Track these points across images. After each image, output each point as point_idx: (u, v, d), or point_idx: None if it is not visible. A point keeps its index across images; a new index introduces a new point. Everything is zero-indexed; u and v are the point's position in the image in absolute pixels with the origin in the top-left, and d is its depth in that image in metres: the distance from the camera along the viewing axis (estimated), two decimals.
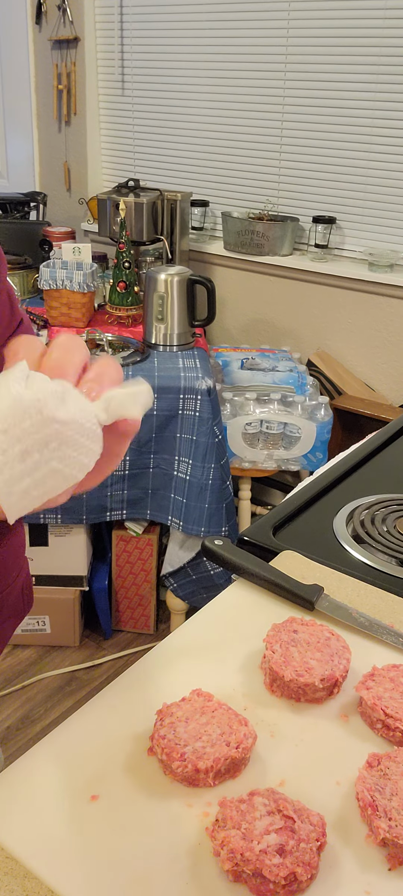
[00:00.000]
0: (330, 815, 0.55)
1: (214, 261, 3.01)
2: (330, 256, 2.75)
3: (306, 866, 0.49)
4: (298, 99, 2.74)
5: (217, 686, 0.66)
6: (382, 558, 0.89)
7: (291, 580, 0.80)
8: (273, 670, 0.67)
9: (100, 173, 3.45)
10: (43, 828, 0.54)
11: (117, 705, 0.66)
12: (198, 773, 0.57)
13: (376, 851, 0.53)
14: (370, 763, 0.58)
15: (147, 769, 0.59)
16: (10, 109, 3.59)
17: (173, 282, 2.26)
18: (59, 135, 3.42)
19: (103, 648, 2.43)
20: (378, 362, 2.69)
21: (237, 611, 0.80)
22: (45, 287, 2.39)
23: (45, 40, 3.33)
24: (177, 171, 3.15)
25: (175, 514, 2.17)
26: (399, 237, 2.62)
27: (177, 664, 0.71)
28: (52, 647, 2.40)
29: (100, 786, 0.58)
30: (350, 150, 2.65)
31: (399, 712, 0.62)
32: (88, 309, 2.46)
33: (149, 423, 2.11)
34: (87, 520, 2.19)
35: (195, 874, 0.51)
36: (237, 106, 2.90)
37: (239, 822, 0.52)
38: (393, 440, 1.26)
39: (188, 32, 2.95)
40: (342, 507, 1.00)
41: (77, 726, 0.63)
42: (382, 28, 2.48)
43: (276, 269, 2.84)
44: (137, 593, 2.44)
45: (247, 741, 0.59)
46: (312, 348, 2.83)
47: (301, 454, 2.38)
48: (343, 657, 0.68)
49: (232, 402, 2.35)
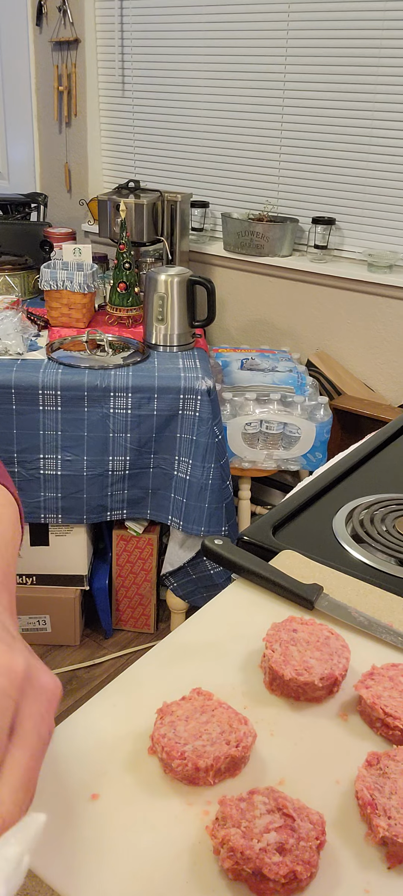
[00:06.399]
0: (330, 813, 0.55)
1: (214, 261, 3.01)
2: (330, 257, 2.76)
3: (306, 865, 0.49)
4: (298, 100, 2.74)
5: (217, 685, 0.66)
6: (381, 558, 0.89)
7: (291, 579, 0.80)
8: (272, 669, 0.67)
9: (101, 174, 3.45)
10: (43, 826, 0.54)
11: (117, 704, 0.66)
12: (198, 772, 0.57)
13: (375, 850, 0.53)
14: (369, 762, 0.58)
15: (147, 768, 0.59)
16: (11, 111, 3.59)
17: (173, 282, 2.27)
18: (60, 136, 3.43)
19: (103, 647, 2.43)
20: (377, 363, 2.70)
21: (237, 610, 0.80)
22: (45, 288, 2.39)
23: (45, 42, 3.33)
24: (177, 172, 3.15)
25: (175, 514, 2.17)
26: (398, 238, 2.62)
27: (177, 663, 0.71)
28: (52, 647, 2.40)
29: (100, 784, 0.58)
30: (350, 151, 2.66)
31: (398, 711, 0.62)
32: (89, 309, 2.46)
33: (150, 424, 2.11)
34: (88, 519, 2.19)
35: (195, 872, 0.51)
36: (237, 107, 2.91)
37: (238, 821, 0.52)
38: (392, 440, 1.26)
39: (188, 34, 2.96)
40: (341, 507, 1.00)
41: (77, 725, 0.64)
42: (381, 30, 2.48)
43: (276, 269, 2.84)
44: (137, 592, 2.44)
45: (247, 740, 0.59)
46: (311, 349, 2.83)
47: (300, 454, 2.38)
48: (342, 656, 0.68)
49: (232, 402, 2.36)
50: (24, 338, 2.23)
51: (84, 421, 2.09)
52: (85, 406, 2.08)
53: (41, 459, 2.11)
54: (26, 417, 2.08)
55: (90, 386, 2.07)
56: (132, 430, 2.11)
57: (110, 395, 2.08)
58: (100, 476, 2.14)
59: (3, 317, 2.23)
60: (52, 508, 2.16)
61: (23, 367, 2.11)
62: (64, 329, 2.43)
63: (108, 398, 2.08)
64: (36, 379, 2.06)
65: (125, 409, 2.09)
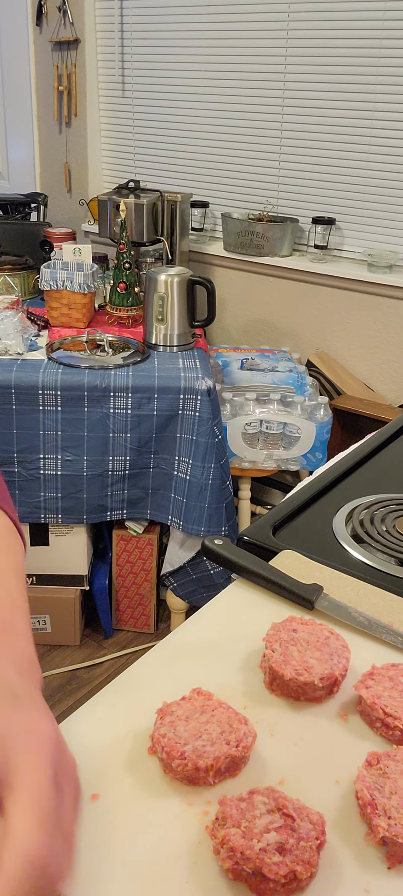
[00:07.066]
0: (330, 813, 0.55)
1: (214, 261, 3.01)
2: (330, 257, 2.76)
3: (306, 865, 0.49)
4: (298, 100, 2.74)
5: (217, 685, 0.66)
6: (381, 558, 0.89)
7: (291, 579, 0.80)
8: (272, 669, 0.67)
9: (101, 174, 3.45)
10: None
11: (117, 704, 0.66)
12: (198, 772, 0.57)
13: (375, 850, 0.53)
14: (369, 762, 0.58)
15: (147, 768, 0.59)
16: (11, 111, 3.59)
17: (173, 282, 2.27)
18: (60, 136, 3.43)
19: (103, 647, 2.43)
20: (377, 362, 2.70)
21: (236, 610, 0.80)
22: (45, 288, 2.39)
23: (45, 42, 3.33)
24: (177, 172, 3.16)
25: (175, 514, 2.17)
26: (398, 238, 2.62)
27: (177, 663, 0.71)
28: (52, 647, 2.40)
29: (100, 784, 0.58)
30: (350, 151, 2.66)
31: (398, 711, 0.62)
32: (89, 309, 2.46)
33: (150, 424, 2.11)
34: (88, 519, 2.19)
35: (195, 872, 0.51)
36: (237, 107, 2.91)
37: (238, 821, 0.52)
38: (392, 440, 1.26)
39: (188, 34, 2.96)
40: (341, 507, 1.00)
41: (77, 725, 0.63)
42: (381, 30, 2.48)
43: (276, 269, 2.84)
44: (137, 592, 2.44)
45: (247, 740, 0.59)
46: (311, 349, 2.83)
47: (300, 454, 2.38)
48: (342, 656, 0.68)
49: (232, 402, 2.36)
50: (24, 338, 2.24)
51: (84, 421, 2.09)
52: (85, 406, 2.08)
53: (41, 459, 2.11)
54: (26, 417, 2.08)
55: (90, 386, 2.07)
56: (132, 430, 2.11)
57: (110, 395, 2.08)
58: (100, 476, 2.14)
59: (3, 317, 2.23)
60: (52, 508, 2.16)
61: (23, 367, 2.11)
62: (64, 329, 2.43)
63: (108, 398, 2.09)
64: (36, 379, 2.06)
65: (125, 409, 2.09)
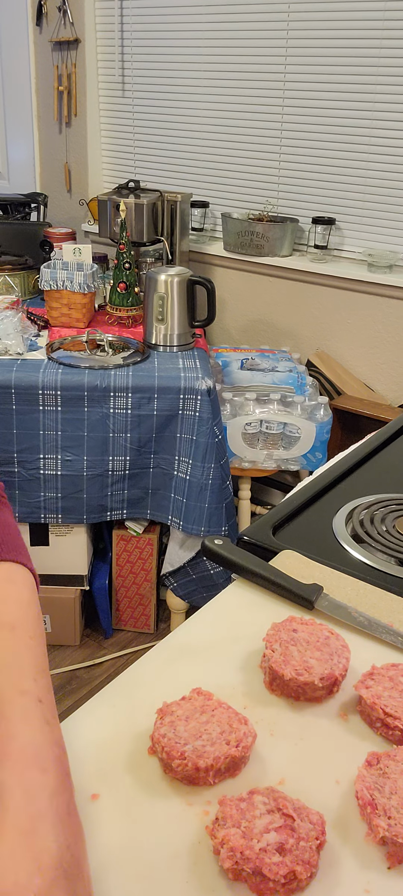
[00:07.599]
0: (330, 813, 0.56)
1: (214, 261, 3.01)
2: (330, 257, 2.76)
3: (306, 865, 0.49)
4: (298, 100, 2.74)
5: (217, 685, 0.66)
6: (381, 558, 0.89)
7: (291, 579, 0.80)
8: (272, 669, 0.67)
9: (101, 174, 3.45)
10: None
11: (117, 704, 0.66)
12: (198, 772, 0.57)
13: (375, 850, 0.53)
14: (369, 762, 0.58)
15: (147, 768, 0.59)
16: (11, 111, 3.59)
17: (173, 282, 2.27)
18: (60, 136, 3.43)
19: (103, 647, 2.43)
20: (377, 362, 2.70)
21: (237, 610, 0.80)
22: (45, 288, 2.39)
23: (45, 42, 3.33)
24: (177, 172, 3.15)
25: (175, 514, 2.17)
26: (398, 238, 2.62)
27: (177, 663, 0.71)
28: (52, 647, 2.40)
29: (100, 784, 0.58)
30: (350, 151, 2.65)
31: (398, 711, 0.62)
32: (89, 309, 2.46)
33: (150, 424, 2.11)
34: (88, 519, 2.19)
35: (195, 872, 0.51)
36: (237, 107, 2.90)
37: (238, 821, 0.52)
38: (392, 440, 1.26)
39: (188, 34, 2.96)
40: (341, 507, 1.00)
41: (77, 725, 0.64)
42: (381, 30, 2.48)
43: (276, 269, 2.85)
44: (137, 592, 2.44)
45: (247, 740, 0.59)
46: (311, 349, 2.83)
47: (300, 454, 2.38)
48: (342, 656, 0.68)
49: (232, 402, 2.36)
50: (24, 338, 2.24)
51: (84, 421, 2.09)
52: (85, 406, 2.08)
53: (41, 459, 2.11)
54: (26, 417, 2.08)
55: (90, 386, 2.07)
56: (132, 430, 2.11)
57: (110, 395, 2.08)
58: (100, 476, 2.14)
59: (3, 317, 2.23)
60: (52, 508, 2.16)
61: (23, 367, 2.11)
62: (64, 329, 2.43)
63: (108, 398, 2.09)
64: (36, 379, 2.06)
65: (125, 409, 2.09)
